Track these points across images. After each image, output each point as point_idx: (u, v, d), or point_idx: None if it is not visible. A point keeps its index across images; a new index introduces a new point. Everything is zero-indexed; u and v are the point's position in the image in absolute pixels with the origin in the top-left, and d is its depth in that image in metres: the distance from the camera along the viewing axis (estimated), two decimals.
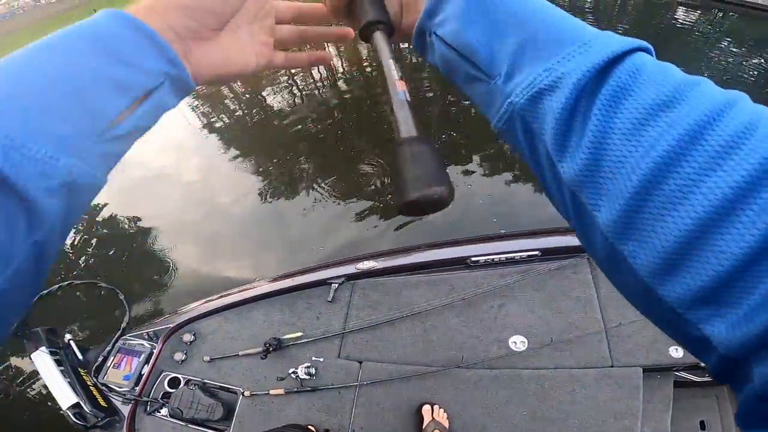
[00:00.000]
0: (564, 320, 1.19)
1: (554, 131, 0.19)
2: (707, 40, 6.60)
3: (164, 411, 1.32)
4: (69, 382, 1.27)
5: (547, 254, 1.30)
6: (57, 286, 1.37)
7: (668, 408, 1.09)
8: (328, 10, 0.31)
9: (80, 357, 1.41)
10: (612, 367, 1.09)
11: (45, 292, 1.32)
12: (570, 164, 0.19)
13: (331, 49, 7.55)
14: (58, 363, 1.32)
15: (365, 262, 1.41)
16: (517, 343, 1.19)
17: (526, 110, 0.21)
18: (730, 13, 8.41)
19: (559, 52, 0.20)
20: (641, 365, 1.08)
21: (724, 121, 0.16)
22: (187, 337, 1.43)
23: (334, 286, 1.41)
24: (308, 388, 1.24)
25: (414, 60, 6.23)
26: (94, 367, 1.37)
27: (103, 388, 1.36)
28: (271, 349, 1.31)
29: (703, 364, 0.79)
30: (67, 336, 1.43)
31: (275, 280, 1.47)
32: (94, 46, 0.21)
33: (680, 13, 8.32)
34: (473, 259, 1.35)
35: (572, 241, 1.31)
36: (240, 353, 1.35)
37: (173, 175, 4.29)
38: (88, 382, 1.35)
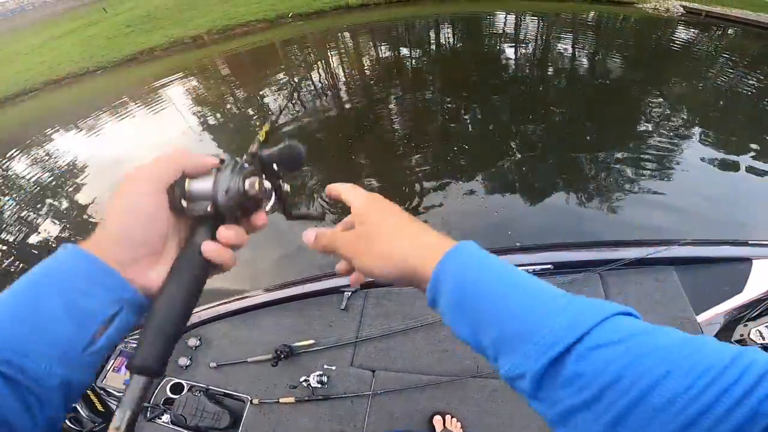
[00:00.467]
0: None
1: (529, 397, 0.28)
2: (706, 58, 7.13)
3: (166, 418, 1.27)
4: None
5: (560, 268, 1.35)
6: None
7: None
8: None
9: None
10: None
11: None
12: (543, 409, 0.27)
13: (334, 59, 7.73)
14: None
15: None
16: None
17: (511, 380, 0.28)
18: (729, 31, 9.77)
19: (520, 348, 0.26)
20: None
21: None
22: (192, 342, 1.39)
23: (347, 294, 1.47)
24: (320, 397, 1.25)
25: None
26: None
27: (101, 392, 1.27)
28: (282, 356, 1.31)
29: None
30: None
31: (285, 286, 1.49)
32: (59, 285, 0.28)
33: (680, 30, 9.44)
34: None
35: (583, 256, 1.37)
36: (249, 360, 1.35)
37: None
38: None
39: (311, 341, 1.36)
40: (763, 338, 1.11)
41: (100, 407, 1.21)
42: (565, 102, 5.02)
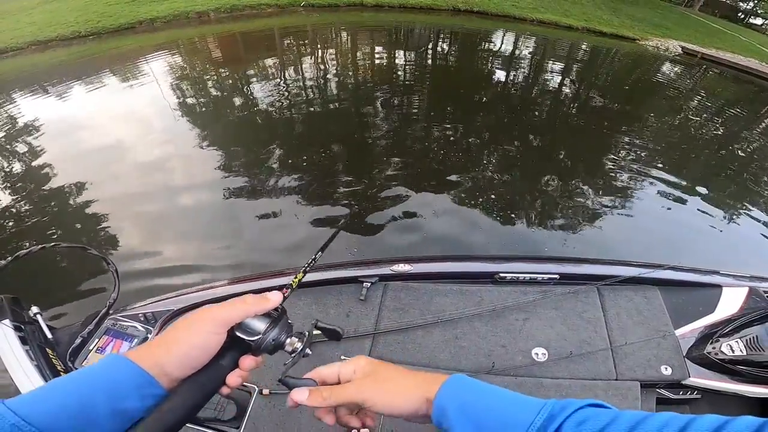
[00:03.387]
0: (577, 337, 1.34)
1: None
2: (683, 95, 7.63)
3: None
4: (37, 366, 1.05)
5: (564, 279, 1.46)
6: (39, 246, 1.13)
7: None
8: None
9: (49, 336, 1.17)
10: (616, 380, 1.25)
11: (24, 252, 1.09)
12: None
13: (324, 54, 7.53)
14: (23, 341, 1.09)
15: (400, 265, 1.43)
16: (539, 354, 1.29)
17: None
18: (710, 72, 10.28)
19: None
20: (638, 379, 1.25)
21: None
22: None
23: (367, 285, 1.40)
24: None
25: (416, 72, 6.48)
26: (70, 350, 1.15)
27: None
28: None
29: (681, 382, 0.98)
30: (34, 309, 1.19)
31: (294, 271, 1.40)
32: (104, 387, 0.35)
33: (666, 66, 9.87)
34: (501, 275, 1.46)
35: (585, 269, 1.49)
36: None
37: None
38: (59, 367, 1.12)
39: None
40: (733, 351, 1.28)
41: None
42: (546, 128, 5.17)
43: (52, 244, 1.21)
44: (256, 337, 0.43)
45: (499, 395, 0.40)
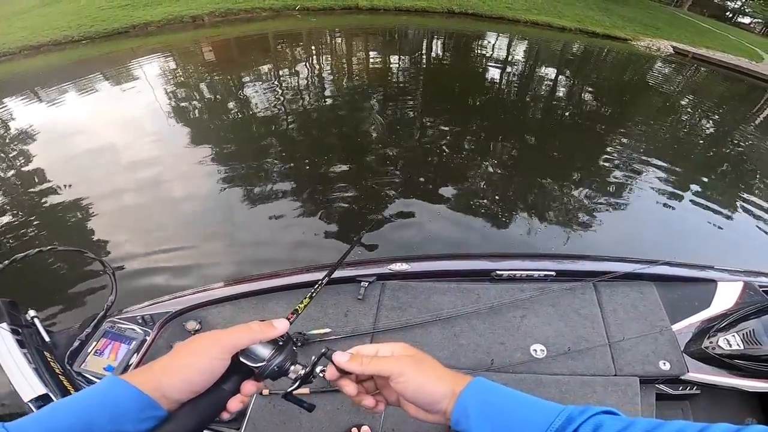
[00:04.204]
0: (575, 333, 1.35)
1: None
2: (675, 94, 7.73)
3: None
4: (35, 369, 1.04)
5: (561, 275, 1.47)
6: (36, 250, 1.13)
7: (652, 415, 1.28)
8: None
9: (47, 339, 1.16)
10: (615, 375, 1.26)
11: (20, 255, 1.09)
12: None
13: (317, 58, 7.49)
14: (21, 344, 1.08)
15: (398, 264, 1.43)
16: (537, 351, 1.30)
17: None
18: (702, 69, 10.37)
19: None
20: (637, 375, 1.26)
21: None
22: (192, 325, 1.27)
23: (365, 284, 1.40)
24: (337, 388, 1.19)
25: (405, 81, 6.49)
26: (68, 353, 1.14)
27: (79, 378, 1.12)
28: (298, 344, 1.23)
29: (680, 378, 0.99)
30: (31, 312, 1.18)
31: (298, 271, 1.40)
32: (111, 414, 0.35)
33: (658, 65, 9.99)
34: (498, 272, 1.47)
35: (581, 266, 1.50)
36: None
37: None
38: (57, 370, 1.11)
39: (327, 330, 1.28)
40: (730, 345, 1.28)
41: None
42: (540, 127, 5.21)
43: (49, 247, 1.21)
44: (260, 364, 0.43)
45: (519, 399, 0.42)
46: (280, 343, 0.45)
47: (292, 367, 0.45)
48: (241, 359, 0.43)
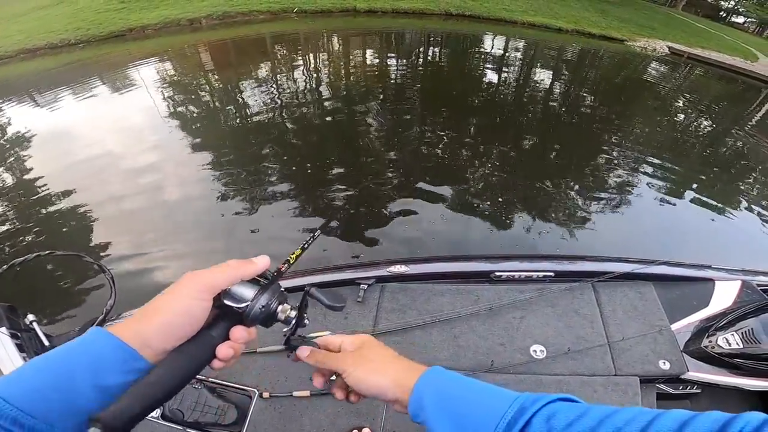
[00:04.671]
0: (575, 334, 1.35)
1: None
2: (671, 94, 7.75)
3: (155, 413, 1.13)
4: None
5: (559, 276, 1.47)
6: (34, 254, 1.12)
7: None
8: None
9: (46, 343, 1.15)
10: (615, 375, 1.26)
11: (19, 260, 1.08)
12: None
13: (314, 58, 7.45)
14: (20, 349, 1.07)
15: (397, 266, 1.43)
16: (537, 351, 1.30)
17: None
18: (698, 69, 10.40)
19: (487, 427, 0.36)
20: (637, 375, 1.27)
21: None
22: None
23: (364, 287, 1.40)
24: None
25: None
26: None
27: None
28: (294, 349, 1.23)
29: (680, 377, 0.99)
30: (30, 317, 1.17)
31: (298, 274, 1.40)
32: (91, 365, 0.34)
33: (653, 65, 10.03)
34: (496, 273, 1.47)
35: (579, 266, 1.51)
36: (258, 350, 1.24)
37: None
38: None
39: (327, 332, 1.27)
40: (729, 344, 1.29)
41: None
42: (538, 127, 5.23)
43: (47, 252, 1.20)
44: (244, 304, 0.41)
45: (474, 387, 0.42)
46: (264, 284, 0.43)
47: (280, 307, 0.43)
48: (225, 301, 0.41)
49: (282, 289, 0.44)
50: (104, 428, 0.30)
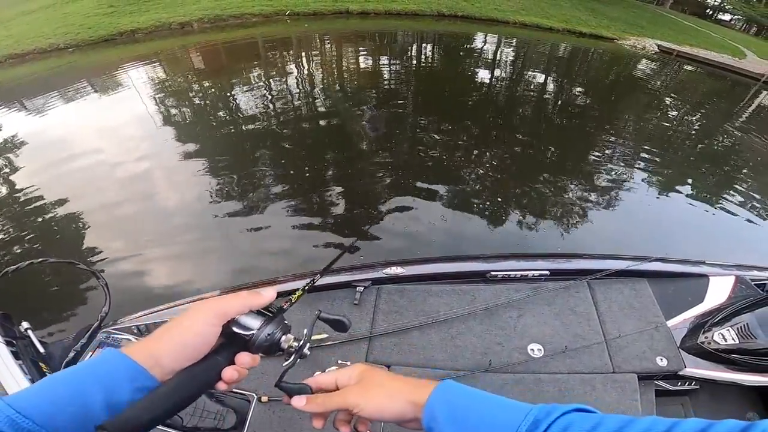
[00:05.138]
0: (572, 332, 1.36)
1: None
2: (661, 92, 7.84)
3: None
4: (31, 381, 1.02)
5: (555, 274, 1.47)
6: (27, 262, 1.11)
7: (653, 412, 1.29)
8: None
9: (41, 350, 1.14)
10: (613, 373, 1.27)
11: (12, 268, 1.07)
12: None
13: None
14: (16, 356, 1.06)
15: (393, 268, 1.43)
16: (535, 350, 1.31)
17: None
18: (687, 67, 10.50)
19: None
20: (635, 372, 1.27)
21: None
22: None
23: (360, 289, 1.40)
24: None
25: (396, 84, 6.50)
26: (63, 364, 1.12)
27: None
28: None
29: (678, 373, 1.00)
30: (25, 324, 1.16)
31: (295, 278, 1.40)
32: (103, 382, 0.36)
33: (643, 64, 10.12)
34: (492, 273, 1.47)
35: (574, 264, 1.52)
36: None
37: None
38: None
39: (324, 335, 1.27)
40: (725, 340, 1.29)
41: None
42: (529, 127, 5.26)
43: (40, 259, 1.19)
44: (250, 332, 0.44)
45: (487, 400, 0.41)
46: (270, 315, 0.47)
47: (284, 337, 0.46)
48: (233, 329, 0.44)
49: (285, 321, 0.48)
50: None
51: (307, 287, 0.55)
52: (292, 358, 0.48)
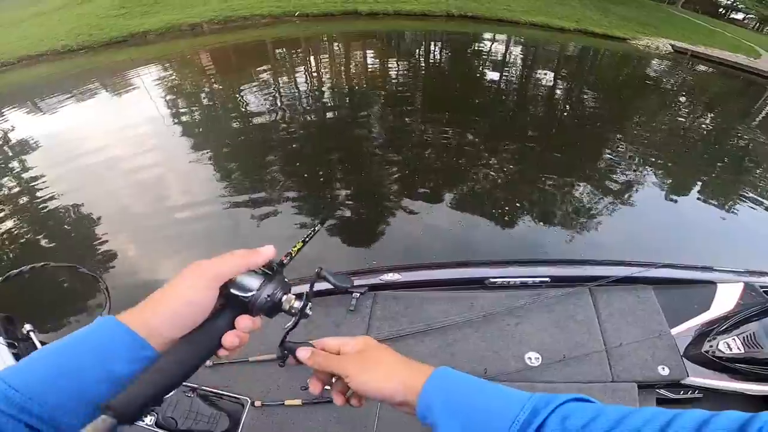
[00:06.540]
0: (571, 340, 1.33)
1: None
2: (675, 92, 7.70)
3: (149, 420, 1.13)
4: None
5: (556, 281, 1.45)
6: (29, 266, 1.13)
7: None
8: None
9: None
10: (613, 382, 1.24)
11: (15, 272, 1.09)
12: None
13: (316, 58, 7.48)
14: (17, 358, 1.08)
15: (389, 274, 1.42)
16: (532, 358, 1.29)
17: None
18: (701, 67, 10.29)
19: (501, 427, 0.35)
20: (635, 381, 1.25)
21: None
22: None
23: (356, 295, 1.39)
24: (329, 399, 1.18)
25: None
26: None
27: None
28: (288, 355, 1.22)
29: (680, 382, 0.96)
30: (27, 326, 1.17)
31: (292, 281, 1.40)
32: (101, 355, 0.34)
33: (656, 64, 9.94)
34: (491, 280, 1.45)
35: (576, 271, 1.49)
36: (250, 359, 1.24)
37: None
38: None
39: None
40: (730, 349, 1.26)
41: None
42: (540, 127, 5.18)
43: (42, 263, 1.20)
44: (250, 294, 0.41)
45: (484, 389, 0.40)
46: (270, 274, 0.44)
47: (285, 297, 0.43)
48: (231, 291, 0.41)
49: (286, 279, 0.44)
50: (116, 416, 0.30)
51: (308, 238, 0.52)
52: (294, 318, 0.45)
